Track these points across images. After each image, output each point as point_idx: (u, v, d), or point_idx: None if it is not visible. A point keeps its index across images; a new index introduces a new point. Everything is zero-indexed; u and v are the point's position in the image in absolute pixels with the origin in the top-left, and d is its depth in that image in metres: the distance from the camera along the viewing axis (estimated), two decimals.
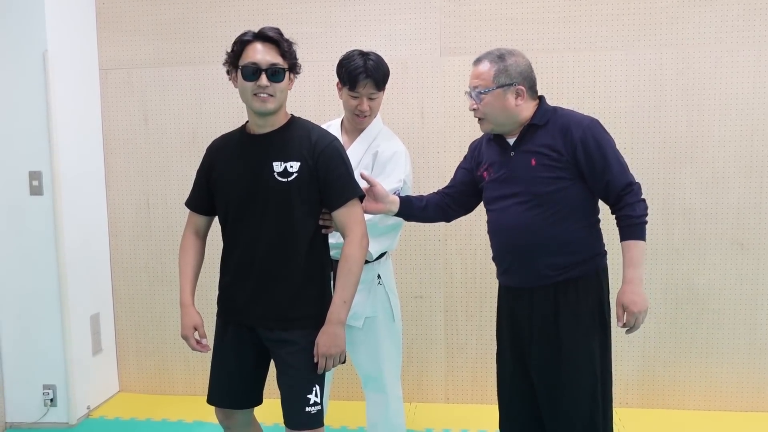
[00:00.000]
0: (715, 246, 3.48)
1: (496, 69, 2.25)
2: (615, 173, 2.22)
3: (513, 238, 2.30)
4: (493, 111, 2.28)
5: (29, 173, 3.40)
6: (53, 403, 3.51)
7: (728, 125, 3.41)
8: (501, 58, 2.26)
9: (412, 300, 3.66)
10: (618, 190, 2.23)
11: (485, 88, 2.26)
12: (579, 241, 2.26)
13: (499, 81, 2.25)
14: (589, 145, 2.21)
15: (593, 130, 2.24)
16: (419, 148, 3.57)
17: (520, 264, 2.31)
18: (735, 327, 3.50)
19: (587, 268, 2.27)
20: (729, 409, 3.55)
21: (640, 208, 2.23)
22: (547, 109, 2.31)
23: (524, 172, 2.27)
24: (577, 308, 2.25)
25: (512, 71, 2.25)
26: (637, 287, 2.21)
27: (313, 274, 2.23)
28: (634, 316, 2.21)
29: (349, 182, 2.22)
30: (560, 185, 2.23)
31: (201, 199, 2.35)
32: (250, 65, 2.13)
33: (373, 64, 2.57)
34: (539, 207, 2.25)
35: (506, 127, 2.32)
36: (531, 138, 2.28)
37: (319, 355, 2.16)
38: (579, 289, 2.26)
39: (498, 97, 2.26)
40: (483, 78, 2.27)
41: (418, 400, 3.73)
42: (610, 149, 2.24)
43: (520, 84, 2.26)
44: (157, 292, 3.87)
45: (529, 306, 2.31)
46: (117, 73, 3.78)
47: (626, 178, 2.24)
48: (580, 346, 2.25)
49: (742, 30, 3.36)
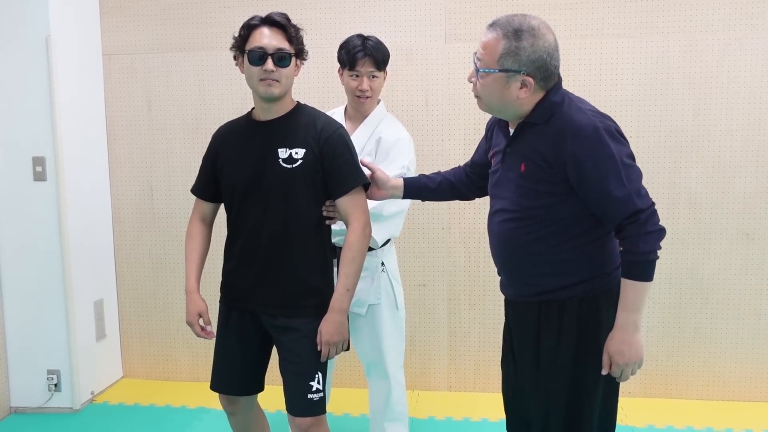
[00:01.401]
0: (720, 236, 3.46)
1: (504, 47, 1.83)
2: (615, 200, 1.81)
3: (497, 247, 2.06)
4: (489, 95, 1.91)
5: (33, 159, 3.39)
6: (57, 388, 3.52)
7: (735, 114, 3.38)
8: (516, 35, 1.82)
9: (415, 288, 3.66)
10: (619, 219, 1.83)
11: (486, 66, 1.87)
12: (570, 261, 1.92)
13: (503, 63, 1.84)
14: (583, 163, 1.81)
15: (593, 143, 1.80)
16: (424, 135, 3.55)
17: (505, 274, 2.08)
18: (739, 317, 3.49)
19: (581, 290, 1.92)
20: (732, 399, 3.54)
21: (646, 242, 1.81)
22: (552, 103, 1.89)
23: (514, 176, 1.95)
24: (560, 332, 1.94)
25: (523, 56, 1.82)
26: (629, 335, 1.86)
27: (316, 261, 2.23)
28: (619, 367, 1.89)
29: (354, 170, 2.21)
30: (548, 201, 1.89)
31: (207, 185, 2.35)
32: (257, 50, 2.11)
33: (372, 44, 2.59)
34: (522, 220, 1.94)
35: (503, 114, 1.99)
36: (524, 138, 1.93)
37: (322, 343, 2.17)
38: (565, 311, 1.93)
39: (499, 82, 1.87)
40: (488, 52, 1.86)
41: (421, 387, 3.74)
42: (612, 168, 1.80)
43: (529, 74, 1.84)
44: (161, 278, 3.87)
45: (513, 318, 2.11)
46: (120, 58, 3.76)
47: (631, 206, 1.80)
48: (559, 373, 1.95)
49: (750, 18, 3.32)
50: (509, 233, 1.99)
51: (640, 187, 1.84)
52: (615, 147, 1.82)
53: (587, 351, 1.94)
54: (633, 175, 1.83)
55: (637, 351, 1.88)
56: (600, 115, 1.90)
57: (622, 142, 1.86)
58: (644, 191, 1.85)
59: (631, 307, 1.85)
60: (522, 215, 1.94)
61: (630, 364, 1.89)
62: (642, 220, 1.80)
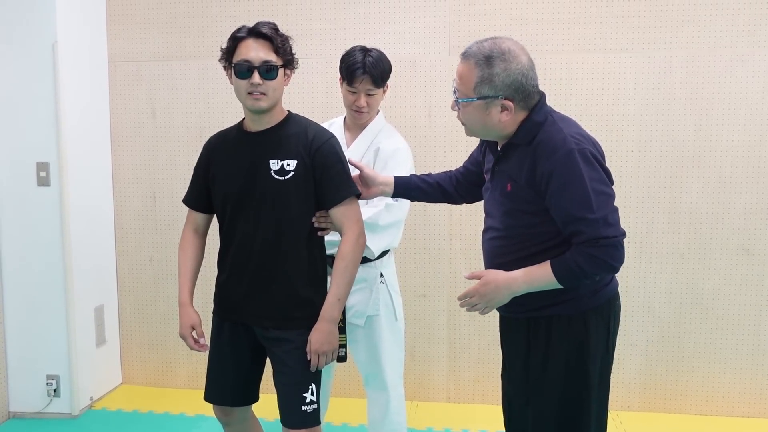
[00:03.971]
0: (720, 251, 3.46)
1: (478, 76, 1.85)
2: (579, 223, 1.80)
3: (487, 264, 2.07)
4: (472, 123, 1.94)
5: (37, 164, 3.41)
6: (56, 393, 3.52)
7: (736, 130, 3.40)
8: (488, 62, 1.83)
9: (415, 299, 3.66)
10: (582, 241, 1.82)
11: (464, 96, 1.89)
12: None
13: (480, 91, 1.86)
14: (553, 182, 1.81)
15: (565, 165, 1.80)
16: (426, 146, 3.56)
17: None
18: (738, 332, 3.49)
19: (569, 307, 1.92)
20: (731, 414, 3.53)
21: (590, 263, 1.81)
22: (534, 123, 1.89)
23: (499, 196, 1.99)
24: (547, 349, 1.95)
25: (498, 82, 1.84)
26: (502, 284, 1.90)
27: (309, 273, 2.23)
28: (478, 290, 1.94)
29: (346, 180, 2.21)
30: (531, 220, 1.90)
31: (199, 196, 2.35)
32: (243, 63, 2.11)
33: (372, 61, 2.57)
34: (508, 239, 1.97)
35: (489, 137, 2.02)
36: (510, 158, 1.95)
37: (311, 352, 2.16)
38: (552, 329, 1.94)
39: (478, 109, 1.89)
40: (463, 82, 1.89)
41: (420, 398, 3.73)
42: (580, 192, 1.79)
43: (507, 98, 1.85)
44: (162, 285, 3.88)
45: (505, 334, 2.15)
46: (126, 65, 3.79)
47: (594, 232, 1.79)
48: (548, 390, 1.96)
49: (752, 35, 3.34)
50: (496, 251, 2.01)
51: (608, 215, 1.81)
52: (587, 171, 1.81)
53: (577, 367, 1.94)
54: (603, 202, 1.81)
55: (496, 297, 1.92)
56: (580, 137, 1.88)
57: (596, 168, 1.85)
58: (613, 220, 1.83)
59: (529, 279, 1.88)
60: (507, 234, 1.96)
61: (481, 294, 1.93)
62: (600, 244, 1.79)
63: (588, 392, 1.95)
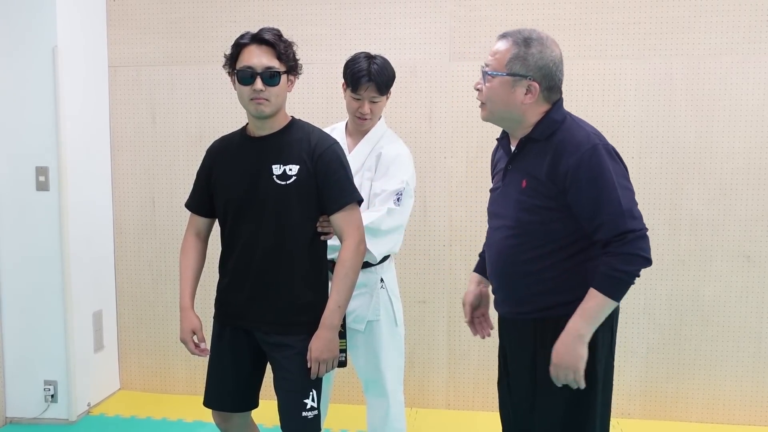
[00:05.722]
0: (721, 258, 3.46)
1: (513, 53, 1.92)
2: (607, 217, 1.83)
3: (495, 264, 2.07)
4: (494, 99, 1.96)
5: (36, 169, 3.40)
6: (54, 399, 3.50)
7: (737, 136, 3.39)
8: (526, 43, 1.92)
9: (415, 305, 3.65)
10: (609, 236, 1.84)
11: (495, 70, 1.94)
12: (566, 280, 1.93)
13: (511, 68, 1.92)
14: (579, 179, 1.85)
15: (591, 159, 1.85)
16: (426, 152, 3.56)
17: (501, 291, 2.09)
18: (739, 340, 3.48)
19: (573, 308, 1.89)
20: (731, 422, 3.52)
21: (627, 262, 1.82)
22: (553, 120, 1.95)
23: (514, 193, 1.98)
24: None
25: (531, 62, 1.91)
26: (571, 340, 1.85)
27: (310, 278, 2.23)
28: (555, 368, 1.89)
29: (348, 186, 2.21)
30: (547, 216, 1.91)
31: (201, 200, 2.35)
32: (246, 69, 2.11)
33: (377, 68, 2.58)
34: (521, 237, 1.96)
35: (506, 123, 2.03)
36: (526, 155, 1.98)
37: (312, 360, 2.16)
38: (560, 330, 1.90)
39: (505, 85, 1.93)
40: (497, 58, 1.94)
41: (420, 405, 3.72)
42: (608, 185, 1.84)
43: (534, 79, 1.91)
44: (160, 290, 3.86)
45: (508, 337, 2.11)
46: (126, 70, 3.78)
47: (622, 225, 1.83)
48: (556, 392, 1.93)
49: (752, 42, 3.34)
50: (509, 250, 2.00)
51: (633, 208, 1.86)
52: (612, 166, 1.87)
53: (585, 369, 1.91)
54: (627, 196, 1.87)
55: (574, 359, 1.85)
56: (600, 135, 1.95)
57: (618, 163, 1.91)
58: (638, 214, 1.87)
59: (586, 316, 1.84)
60: (521, 231, 1.96)
61: (562, 368, 1.87)
62: (629, 239, 1.82)
63: (594, 394, 1.95)
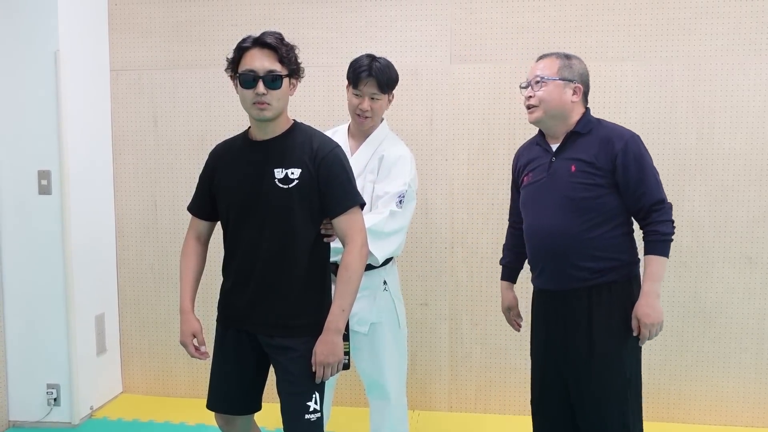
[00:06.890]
0: (723, 259, 3.45)
1: (561, 63, 2.40)
2: (650, 187, 2.33)
3: (549, 242, 2.39)
4: (550, 100, 2.38)
5: (38, 172, 3.41)
6: (56, 402, 3.51)
7: (738, 138, 3.39)
8: (567, 57, 2.43)
9: (417, 307, 3.65)
10: (650, 204, 2.33)
11: (549, 76, 2.39)
12: (614, 247, 2.35)
13: (563, 74, 2.39)
14: (628, 157, 2.32)
15: (634, 143, 2.35)
16: (427, 155, 3.56)
17: (555, 267, 2.39)
18: (742, 341, 3.48)
19: (621, 273, 2.35)
20: (734, 423, 3.51)
21: (668, 227, 2.33)
22: (590, 119, 2.43)
23: (564, 177, 2.37)
24: (609, 312, 2.34)
25: (575, 69, 2.41)
26: (653, 300, 2.30)
27: (313, 281, 2.23)
28: (647, 327, 2.30)
29: (350, 190, 2.21)
30: (598, 192, 2.33)
31: (203, 203, 2.35)
32: (248, 73, 2.12)
33: (379, 66, 2.61)
34: (576, 212, 2.34)
35: (554, 121, 2.42)
36: (572, 146, 2.40)
37: (316, 364, 2.15)
38: (612, 293, 2.34)
39: (559, 87, 2.38)
40: (548, 68, 2.40)
41: (422, 407, 3.72)
42: (648, 164, 2.35)
43: (579, 83, 2.40)
44: (163, 293, 3.87)
45: (563, 308, 2.40)
46: (127, 74, 3.79)
47: (660, 195, 2.34)
48: (612, 348, 2.34)
49: (753, 43, 3.34)
50: (563, 227, 2.35)
51: (660, 183, 2.38)
52: (646, 151, 2.38)
53: (626, 329, 2.34)
54: (657, 174, 2.38)
55: (659, 314, 2.31)
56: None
57: (647, 150, 2.41)
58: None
59: (655, 277, 2.31)
60: (574, 207, 2.34)
61: (655, 324, 2.30)
62: (665, 208, 2.34)
63: (640, 355, 2.43)
